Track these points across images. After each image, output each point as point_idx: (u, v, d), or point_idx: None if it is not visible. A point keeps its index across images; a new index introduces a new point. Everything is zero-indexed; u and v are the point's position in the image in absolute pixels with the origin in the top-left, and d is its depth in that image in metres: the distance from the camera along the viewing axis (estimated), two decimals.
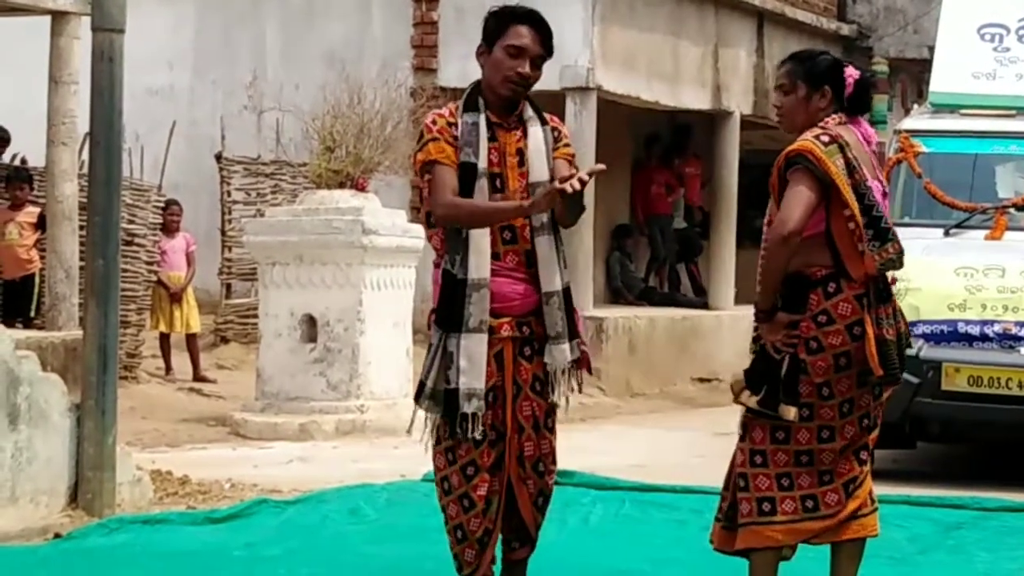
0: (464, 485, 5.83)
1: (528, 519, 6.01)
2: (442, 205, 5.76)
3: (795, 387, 5.69)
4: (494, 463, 5.86)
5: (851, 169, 5.71)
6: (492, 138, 5.86)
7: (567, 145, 6.04)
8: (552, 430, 6.03)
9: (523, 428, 5.90)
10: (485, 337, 5.76)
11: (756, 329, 5.78)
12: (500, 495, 5.90)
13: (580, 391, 6.03)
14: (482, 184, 5.80)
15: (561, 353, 5.86)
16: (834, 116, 5.83)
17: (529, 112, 5.94)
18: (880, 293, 5.84)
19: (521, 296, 5.84)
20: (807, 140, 5.71)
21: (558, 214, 5.85)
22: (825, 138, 5.72)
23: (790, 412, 5.69)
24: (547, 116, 6.02)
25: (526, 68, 5.83)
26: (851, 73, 5.87)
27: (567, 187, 5.52)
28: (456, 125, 5.83)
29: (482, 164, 5.81)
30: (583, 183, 5.55)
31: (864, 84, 5.89)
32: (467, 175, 5.78)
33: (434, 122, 5.86)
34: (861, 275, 5.75)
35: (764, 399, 5.71)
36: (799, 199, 5.63)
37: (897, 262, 5.83)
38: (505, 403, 5.86)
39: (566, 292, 5.90)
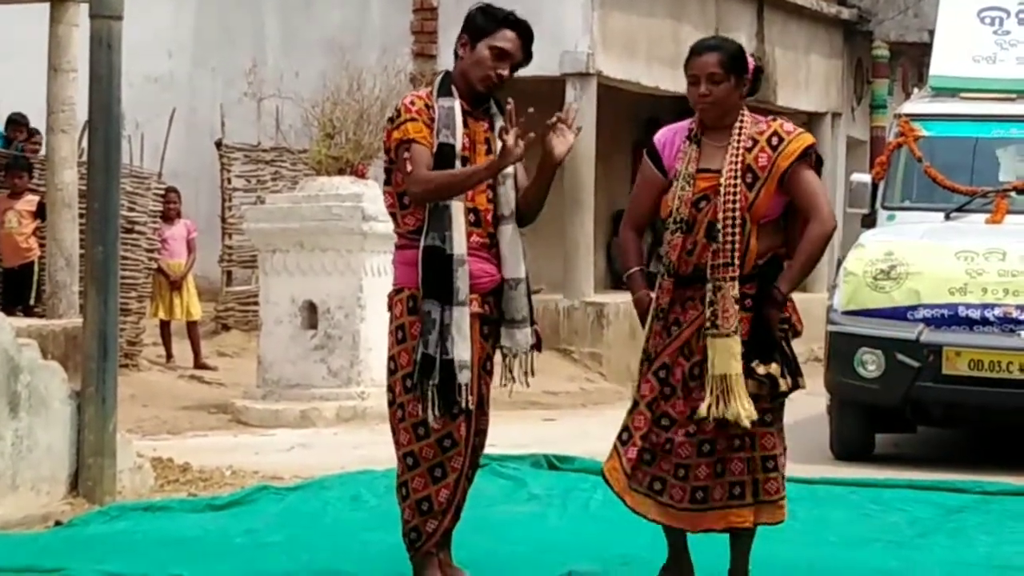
0: (440, 456, 5.97)
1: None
2: (419, 181, 5.90)
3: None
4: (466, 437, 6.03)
5: None
6: (464, 124, 6.02)
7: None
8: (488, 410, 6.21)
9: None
10: (468, 311, 5.95)
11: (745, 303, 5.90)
12: (464, 470, 6.07)
13: (534, 375, 6.17)
14: (457, 166, 5.97)
15: (524, 337, 6.09)
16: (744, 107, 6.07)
17: (493, 108, 6.13)
18: None
19: (487, 275, 6.03)
20: (807, 133, 5.99)
21: (529, 198, 6.07)
22: None
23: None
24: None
25: (506, 71, 6.03)
26: (751, 61, 6.08)
27: (558, 123, 5.86)
28: (432, 108, 5.98)
29: (458, 146, 5.98)
30: (561, 121, 5.90)
31: (760, 71, 6.12)
32: (445, 155, 5.95)
33: (412, 103, 6.00)
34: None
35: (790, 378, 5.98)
36: (826, 192, 6.02)
37: None
38: (479, 376, 6.06)
39: (527, 279, 6.12)
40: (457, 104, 6.00)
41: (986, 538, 7.75)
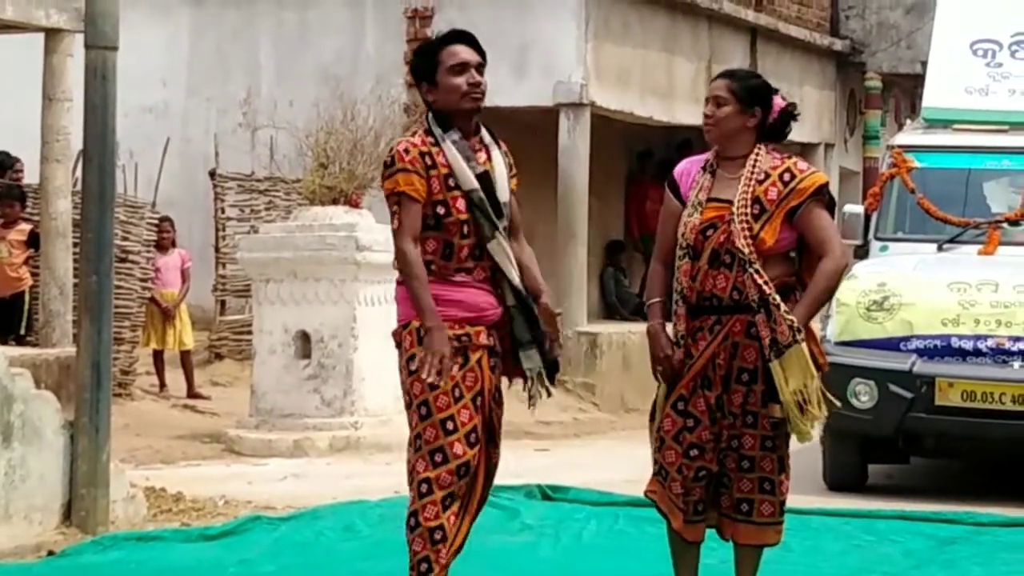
0: (455, 483, 5.83)
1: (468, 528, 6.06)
2: (401, 253, 5.84)
3: None
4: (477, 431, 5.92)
5: None
6: None
7: (515, 175, 6.13)
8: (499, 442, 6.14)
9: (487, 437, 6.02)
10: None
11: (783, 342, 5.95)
12: (472, 501, 5.96)
13: (551, 394, 6.16)
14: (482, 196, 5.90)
15: (535, 357, 6.03)
16: (764, 144, 6.13)
17: (488, 138, 6.04)
18: None
19: (492, 307, 5.95)
20: (820, 172, 6.17)
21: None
22: None
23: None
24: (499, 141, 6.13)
25: (477, 76, 5.93)
26: (779, 102, 6.17)
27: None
28: (428, 155, 5.87)
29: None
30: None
31: (787, 116, 6.18)
32: (485, 183, 5.89)
33: (406, 151, 5.86)
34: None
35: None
36: (837, 230, 6.30)
37: None
38: (489, 407, 5.97)
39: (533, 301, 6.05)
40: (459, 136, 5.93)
41: (979, 569, 7.75)
